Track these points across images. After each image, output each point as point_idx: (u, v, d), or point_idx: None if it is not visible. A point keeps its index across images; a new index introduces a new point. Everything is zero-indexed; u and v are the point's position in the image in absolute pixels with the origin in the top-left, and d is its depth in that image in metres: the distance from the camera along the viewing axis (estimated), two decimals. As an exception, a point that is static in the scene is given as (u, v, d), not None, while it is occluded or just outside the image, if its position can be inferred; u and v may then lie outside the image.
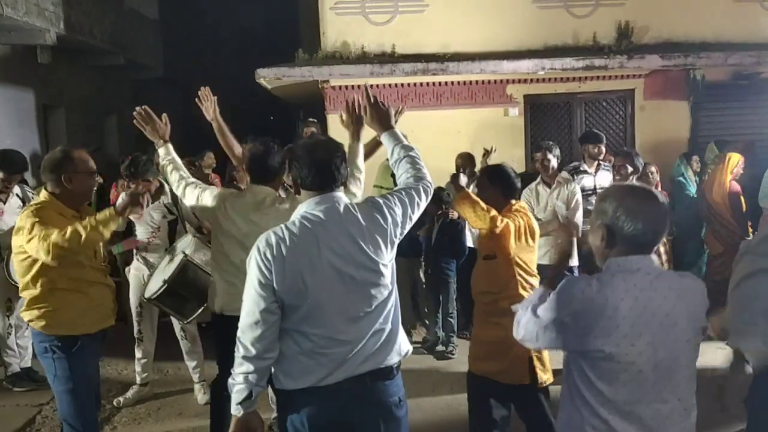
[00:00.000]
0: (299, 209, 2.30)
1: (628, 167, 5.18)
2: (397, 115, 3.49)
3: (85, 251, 3.00)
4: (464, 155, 6.15)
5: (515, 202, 3.43)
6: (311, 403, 2.21)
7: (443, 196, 5.48)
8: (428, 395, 4.74)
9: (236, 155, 3.81)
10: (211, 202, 3.31)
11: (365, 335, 2.23)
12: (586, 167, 5.54)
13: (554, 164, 5.15)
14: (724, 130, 7.39)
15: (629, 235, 1.88)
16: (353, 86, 6.83)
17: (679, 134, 7.68)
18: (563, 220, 4.96)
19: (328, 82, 7.18)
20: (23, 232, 2.98)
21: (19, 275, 3.17)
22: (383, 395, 2.28)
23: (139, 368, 4.78)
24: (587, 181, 5.45)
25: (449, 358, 5.51)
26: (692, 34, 7.43)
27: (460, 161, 6.01)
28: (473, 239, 5.43)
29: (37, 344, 3.21)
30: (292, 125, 11.87)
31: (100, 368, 3.61)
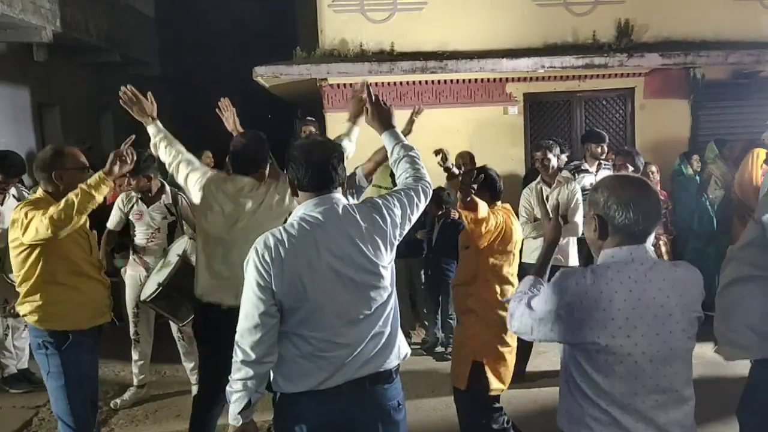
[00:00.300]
0: (297, 211, 2.27)
1: (628, 166, 5.14)
2: (415, 114, 3.47)
3: (82, 217, 3.00)
4: (464, 154, 6.13)
5: (499, 203, 3.51)
6: (310, 406, 2.19)
7: (443, 196, 5.45)
8: (427, 396, 4.72)
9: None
10: (200, 177, 3.38)
11: (364, 338, 2.21)
12: (587, 166, 5.52)
13: (554, 163, 5.10)
14: (724, 128, 7.36)
15: (621, 224, 1.89)
16: (351, 84, 6.78)
17: (679, 133, 7.65)
18: (551, 210, 4.92)
19: (326, 80, 7.13)
20: (18, 223, 3.01)
21: (14, 270, 3.20)
22: (382, 399, 2.26)
23: (136, 370, 4.75)
24: (588, 180, 5.42)
25: (448, 359, 5.46)
26: (692, 32, 7.40)
27: (460, 160, 5.98)
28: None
29: (32, 339, 3.27)
30: (289, 123, 11.82)
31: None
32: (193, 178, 3.40)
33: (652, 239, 1.97)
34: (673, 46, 7.26)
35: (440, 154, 4.09)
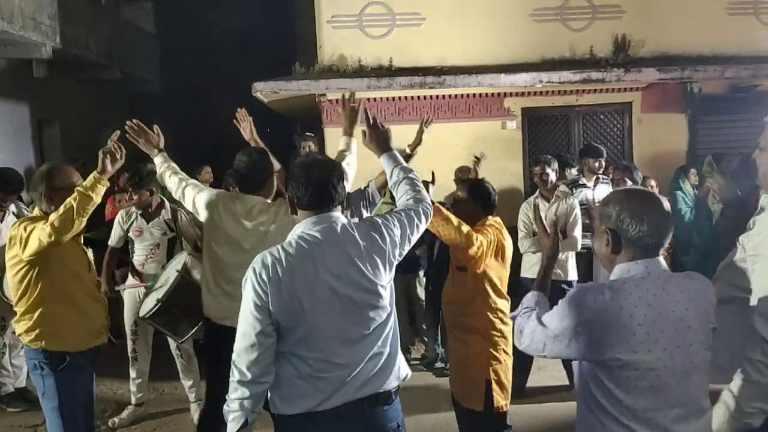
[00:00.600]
0: (296, 229, 2.26)
1: (627, 181, 5.17)
2: (424, 125, 3.46)
3: (83, 220, 2.98)
4: (464, 169, 6.12)
5: (491, 217, 3.46)
6: (308, 428, 2.16)
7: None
8: (427, 412, 4.68)
9: (278, 172, 3.78)
10: (208, 196, 3.37)
11: (363, 358, 2.19)
12: (584, 181, 5.52)
13: (553, 178, 5.10)
14: (721, 143, 7.37)
15: (635, 237, 1.88)
16: (340, 98, 6.79)
17: (676, 147, 7.68)
18: (549, 226, 4.90)
19: (325, 95, 7.16)
20: (17, 239, 2.98)
21: (12, 290, 3.17)
22: (382, 421, 2.23)
23: (134, 388, 4.71)
24: (586, 194, 5.42)
25: (448, 374, 5.43)
26: (689, 47, 7.45)
27: (460, 174, 5.98)
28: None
29: (28, 360, 3.22)
30: (288, 139, 11.84)
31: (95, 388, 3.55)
32: (200, 199, 3.37)
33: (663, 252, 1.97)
34: (670, 60, 7.31)
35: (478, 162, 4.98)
